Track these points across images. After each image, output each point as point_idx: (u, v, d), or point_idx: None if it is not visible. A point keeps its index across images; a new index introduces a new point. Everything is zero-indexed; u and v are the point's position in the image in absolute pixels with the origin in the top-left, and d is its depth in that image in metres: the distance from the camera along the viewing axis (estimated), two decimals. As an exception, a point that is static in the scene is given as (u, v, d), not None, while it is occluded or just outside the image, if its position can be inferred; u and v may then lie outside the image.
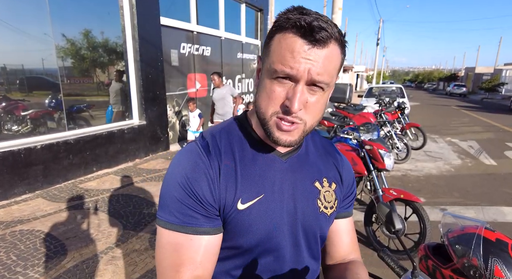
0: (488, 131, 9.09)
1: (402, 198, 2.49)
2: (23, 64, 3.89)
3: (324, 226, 0.71)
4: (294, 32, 0.53)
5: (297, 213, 0.66)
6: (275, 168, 0.66)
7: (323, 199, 0.70)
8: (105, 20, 4.86)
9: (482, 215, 3.49)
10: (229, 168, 0.62)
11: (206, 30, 6.76)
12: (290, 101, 0.54)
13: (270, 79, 0.56)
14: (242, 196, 0.61)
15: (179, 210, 0.58)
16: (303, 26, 0.52)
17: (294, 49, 0.53)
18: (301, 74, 0.53)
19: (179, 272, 0.57)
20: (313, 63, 0.52)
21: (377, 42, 34.64)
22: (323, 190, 0.70)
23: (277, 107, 0.56)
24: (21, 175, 3.62)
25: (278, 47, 0.55)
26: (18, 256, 2.46)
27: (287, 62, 0.53)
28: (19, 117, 3.88)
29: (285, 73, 0.54)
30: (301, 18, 0.52)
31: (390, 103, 6.96)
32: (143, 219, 3.16)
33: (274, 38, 0.56)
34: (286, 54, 0.53)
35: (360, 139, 2.97)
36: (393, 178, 4.66)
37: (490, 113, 14.18)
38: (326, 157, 0.75)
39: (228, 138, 0.66)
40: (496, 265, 0.92)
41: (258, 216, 0.62)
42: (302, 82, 0.54)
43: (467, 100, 24.56)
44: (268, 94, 0.57)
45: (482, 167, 5.40)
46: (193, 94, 6.71)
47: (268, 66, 0.56)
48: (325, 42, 0.53)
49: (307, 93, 0.55)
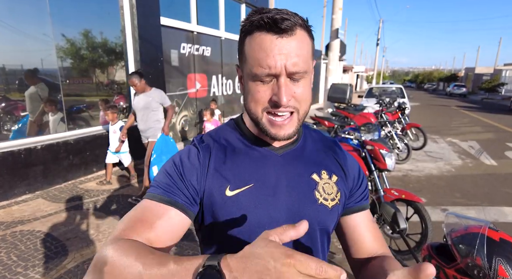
0: (489, 132, 9.09)
1: (403, 198, 2.49)
2: (22, 64, 3.88)
3: (325, 218, 0.68)
4: (260, 30, 0.56)
5: (293, 205, 0.66)
6: (270, 162, 0.67)
7: (322, 190, 0.68)
8: (105, 20, 4.86)
9: (483, 215, 3.48)
10: (219, 158, 0.66)
11: (206, 30, 6.76)
12: (278, 96, 0.57)
13: (253, 81, 0.59)
14: (230, 184, 0.63)
15: (163, 183, 0.62)
16: (266, 22, 0.54)
17: (265, 47, 0.55)
18: (279, 70, 0.55)
19: (134, 225, 0.57)
20: (286, 57, 0.55)
21: (377, 43, 34.67)
22: (322, 182, 0.69)
23: (265, 104, 0.59)
24: (21, 176, 3.61)
25: (250, 50, 0.57)
26: (18, 257, 2.46)
27: (263, 63, 0.55)
28: (19, 118, 3.87)
29: (265, 74, 0.56)
30: (262, 16, 0.55)
31: (390, 104, 6.96)
32: (144, 219, 3.15)
33: (245, 43, 0.59)
34: (260, 55, 0.55)
35: (361, 139, 2.96)
36: (394, 178, 4.65)
37: (490, 114, 14.18)
38: (325, 152, 0.75)
39: (224, 135, 0.70)
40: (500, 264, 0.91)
41: (247, 204, 0.63)
42: (283, 76, 0.56)
43: (467, 100, 24.57)
44: (254, 96, 0.60)
45: (483, 167, 5.39)
46: (193, 95, 6.71)
47: (248, 71, 0.59)
48: (292, 30, 0.55)
49: (290, 85, 0.58)
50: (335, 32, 7.95)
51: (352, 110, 7.01)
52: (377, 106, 7.11)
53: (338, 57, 8.32)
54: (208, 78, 7.13)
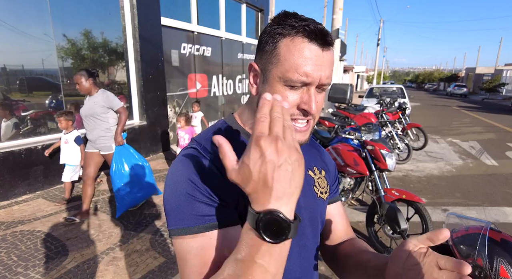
0: (489, 132, 9.07)
1: (404, 198, 2.49)
2: (23, 64, 3.89)
3: (323, 211, 0.76)
4: (303, 37, 0.56)
5: (301, 202, 0.69)
6: None
7: (318, 185, 0.75)
8: (105, 20, 4.86)
9: (484, 215, 3.47)
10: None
11: (206, 31, 6.76)
12: (308, 105, 0.58)
13: (282, 86, 0.58)
14: None
15: (192, 209, 0.54)
16: (313, 30, 0.55)
17: (307, 55, 0.55)
18: (315, 80, 0.57)
19: (202, 274, 0.51)
20: (323, 69, 0.57)
21: (377, 43, 34.67)
22: (316, 177, 0.76)
23: (291, 111, 0.59)
24: (22, 175, 3.61)
25: (288, 54, 0.56)
26: (19, 257, 2.46)
27: (302, 71, 0.55)
28: (19, 118, 3.87)
29: (301, 81, 0.57)
30: (308, 24, 0.56)
31: (391, 104, 6.95)
32: (144, 219, 3.15)
33: (280, 45, 0.57)
34: (299, 62, 0.55)
35: (362, 139, 2.96)
36: (394, 179, 4.65)
37: (491, 114, 14.16)
38: (310, 150, 0.80)
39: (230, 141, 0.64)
40: (501, 265, 0.91)
41: None
42: (314, 86, 0.58)
43: (467, 100, 24.53)
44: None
45: (484, 167, 5.38)
46: (193, 95, 6.71)
47: (280, 74, 0.57)
48: (331, 45, 0.58)
49: (316, 95, 0.61)
50: (335, 32, 7.95)
51: (352, 110, 7.01)
52: (377, 107, 7.11)
53: (338, 57, 8.32)
54: (208, 78, 7.13)
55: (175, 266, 2.39)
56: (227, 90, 7.92)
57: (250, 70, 0.65)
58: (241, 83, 8.60)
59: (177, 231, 0.54)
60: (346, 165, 2.96)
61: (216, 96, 7.53)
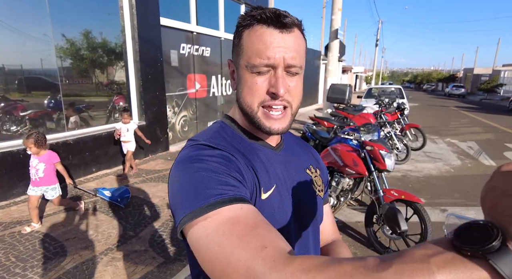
0: (487, 132, 9.10)
1: (403, 198, 2.49)
2: (22, 64, 3.87)
3: (321, 209, 0.77)
4: (261, 24, 0.57)
5: (301, 201, 0.69)
6: (274, 160, 0.67)
7: (316, 183, 0.75)
8: (105, 20, 4.85)
9: (483, 215, 3.48)
10: (244, 161, 0.59)
11: (205, 31, 6.75)
12: (275, 87, 0.57)
13: (250, 73, 0.59)
14: (263, 185, 0.60)
15: (217, 182, 0.47)
16: (269, 16, 0.56)
17: (266, 39, 0.56)
18: (278, 62, 0.57)
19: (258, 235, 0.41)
20: (285, 50, 0.57)
21: (376, 43, 34.72)
22: (313, 175, 0.75)
23: (262, 97, 0.59)
24: (20, 176, 3.60)
25: (249, 42, 0.58)
26: (17, 257, 2.45)
27: (263, 54, 0.56)
28: (18, 118, 3.86)
29: (264, 64, 0.57)
30: (264, 11, 0.57)
31: (389, 104, 6.96)
32: (143, 220, 3.15)
33: (243, 36, 0.60)
34: (260, 47, 0.57)
35: (361, 140, 2.96)
36: (393, 179, 4.66)
37: (489, 114, 14.21)
38: (303, 148, 0.80)
39: (225, 139, 0.63)
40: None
41: (277, 205, 0.62)
42: (280, 68, 0.57)
43: (466, 101, 24.60)
44: (251, 87, 0.59)
45: (482, 167, 5.40)
46: (192, 95, 6.70)
47: (246, 63, 0.59)
48: (291, 27, 0.57)
49: (286, 78, 0.59)
50: (334, 32, 7.95)
51: (351, 110, 7.01)
52: (376, 107, 7.11)
53: (337, 57, 8.32)
54: (207, 79, 7.13)
55: (174, 267, 2.38)
56: (226, 91, 7.92)
57: (229, 68, 0.67)
58: (240, 83, 8.59)
59: (199, 210, 0.44)
60: (345, 165, 2.97)
61: (215, 96, 7.52)
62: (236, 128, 0.67)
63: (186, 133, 6.71)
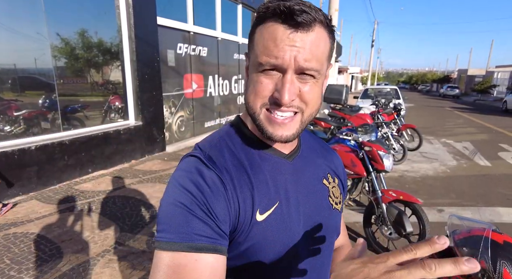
0: (482, 133, 9.20)
1: (401, 199, 2.49)
2: (16, 63, 3.81)
3: (338, 222, 0.70)
4: (274, 19, 0.50)
5: (313, 215, 0.63)
6: (284, 171, 0.61)
7: (333, 195, 0.68)
8: (101, 19, 4.80)
9: (479, 215, 3.51)
10: (242, 178, 0.56)
11: (202, 31, 6.73)
12: (280, 93, 0.50)
13: (256, 73, 0.53)
14: (260, 206, 0.56)
15: (184, 223, 0.49)
16: (282, 11, 0.48)
17: (276, 37, 0.49)
18: (288, 63, 0.49)
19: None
20: (299, 50, 0.49)
21: (371, 44, 34.93)
22: (331, 186, 0.68)
23: (266, 100, 0.53)
24: (15, 177, 3.55)
25: (260, 38, 0.52)
26: (12, 260, 2.41)
27: (271, 53, 0.50)
28: (12, 118, 3.80)
29: (271, 64, 0.50)
30: (280, 4, 0.49)
31: (386, 105, 7.01)
32: (140, 221, 3.12)
33: (256, 31, 0.53)
34: (269, 44, 0.50)
35: (359, 140, 2.97)
36: (390, 179, 4.68)
37: (483, 115, 14.37)
38: (322, 153, 0.73)
39: (229, 147, 0.60)
40: (504, 268, 0.91)
41: (277, 226, 0.57)
42: (290, 71, 0.50)
43: (460, 102, 24.86)
44: (255, 87, 0.53)
45: (477, 168, 5.45)
46: (189, 95, 6.67)
47: (253, 60, 0.53)
48: (309, 25, 0.49)
49: (298, 83, 0.52)
50: (331, 33, 7.98)
51: (348, 111, 7.03)
52: (372, 107, 7.15)
53: (334, 58, 8.34)
54: (204, 79, 7.10)
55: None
56: (223, 91, 7.90)
57: (246, 62, 0.61)
58: (237, 83, 8.59)
59: (162, 244, 0.48)
60: (344, 165, 2.97)
61: (212, 96, 7.50)
62: (244, 134, 0.63)
63: (183, 134, 6.68)
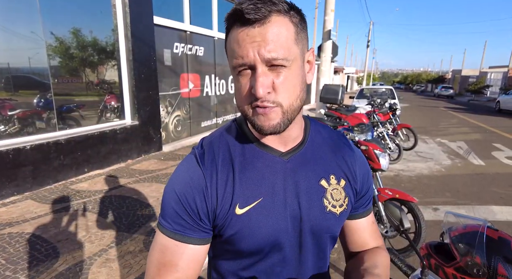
0: (476, 133, 9.31)
1: (397, 197, 2.52)
2: (9, 62, 3.77)
3: (333, 226, 0.68)
4: (235, 24, 0.54)
5: (302, 214, 0.64)
6: (276, 169, 0.63)
7: (330, 197, 0.66)
8: (97, 18, 4.77)
9: (473, 214, 3.56)
10: (226, 176, 0.62)
11: (199, 30, 6.72)
12: (254, 88, 0.53)
13: (235, 76, 0.58)
14: (239, 201, 0.61)
15: (173, 218, 0.62)
16: (237, 14, 0.52)
17: (238, 39, 0.53)
18: (253, 59, 0.52)
19: (160, 270, 0.62)
20: (259, 44, 0.51)
21: (367, 44, 35.10)
22: (330, 188, 0.67)
23: (249, 98, 0.56)
24: (9, 176, 3.51)
25: (229, 45, 0.57)
26: (7, 260, 2.39)
27: (237, 54, 0.53)
28: (6, 117, 3.76)
29: (240, 65, 0.54)
30: (236, 9, 0.52)
31: (382, 105, 7.06)
32: (137, 220, 3.11)
33: (226, 41, 0.59)
34: (234, 47, 0.54)
35: (356, 139, 2.99)
36: (386, 178, 4.72)
37: (476, 115, 14.53)
38: (334, 151, 0.70)
39: (227, 143, 0.65)
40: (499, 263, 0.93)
41: (258, 220, 0.61)
42: (259, 66, 0.52)
43: (454, 102, 25.10)
44: (238, 89, 0.58)
45: (471, 167, 5.52)
46: (186, 94, 6.65)
47: (230, 66, 0.58)
48: (264, 18, 0.51)
49: (270, 75, 0.54)
50: (327, 33, 8.00)
51: (344, 111, 7.06)
52: (368, 107, 7.20)
53: (330, 58, 8.38)
54: (201, 78, 7.09)
55: (170, 268, 2.36)
56: (219, 90, 7.89)
57: None
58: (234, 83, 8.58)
59: (160, 226, 0.64)
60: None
61: (209, 96, 7.49)
62: (243, 131, 0.66)
63: (180, 133, 6.66)
